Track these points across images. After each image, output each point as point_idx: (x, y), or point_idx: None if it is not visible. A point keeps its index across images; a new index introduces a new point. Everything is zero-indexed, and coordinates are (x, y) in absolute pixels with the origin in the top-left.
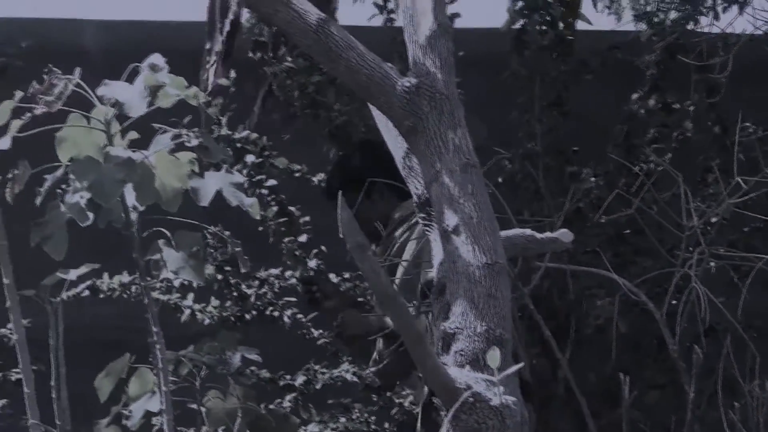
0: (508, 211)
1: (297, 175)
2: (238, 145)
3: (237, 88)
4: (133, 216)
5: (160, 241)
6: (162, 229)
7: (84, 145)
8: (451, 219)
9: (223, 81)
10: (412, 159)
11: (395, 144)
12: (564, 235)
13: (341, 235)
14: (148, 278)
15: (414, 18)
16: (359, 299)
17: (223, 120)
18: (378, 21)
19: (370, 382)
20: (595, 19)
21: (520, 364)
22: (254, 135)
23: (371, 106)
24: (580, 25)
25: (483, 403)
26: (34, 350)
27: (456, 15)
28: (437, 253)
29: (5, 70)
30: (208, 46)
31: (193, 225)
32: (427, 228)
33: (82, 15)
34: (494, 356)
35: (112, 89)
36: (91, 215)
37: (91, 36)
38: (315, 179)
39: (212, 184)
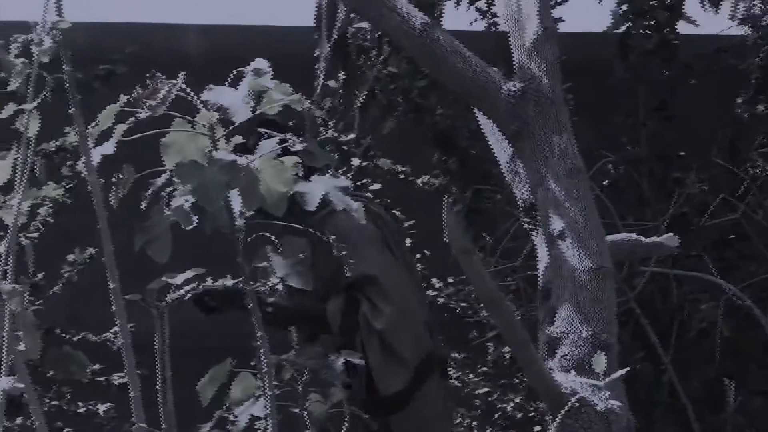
0: (614, 215)
1: (401, 177)
2: (345, 147)
3: (345, 92)
4: (239, 221)
5: (267, 248)
6: (267, 234)
7: (188, 149)
8: (556, 223)
9: (331, 83)
10: (517, 163)
11: (500, 148)
12: (670, 239)
13: (446, 240)
14: (253, 283)
15: (519, 22)
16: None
17: (330, 122)
18: (479, 26)
19: None
20: (693, 23)
21: (626, 369)
22: (358, 137)
23: (476, 111)
24: (682, 30)
25: (588, 408)
26: (137, 354)
27: (559, 20)
28: (542, 257)
29: (109, 76)
30: (317, 53)
31: (298, 230)
32: (532, 232)
33: (185, 20)
34: (600, 361)
35: (217, 94)
36: (195, 218)
37: (193, 41)
38: (419, 181)
39: (318, 188)
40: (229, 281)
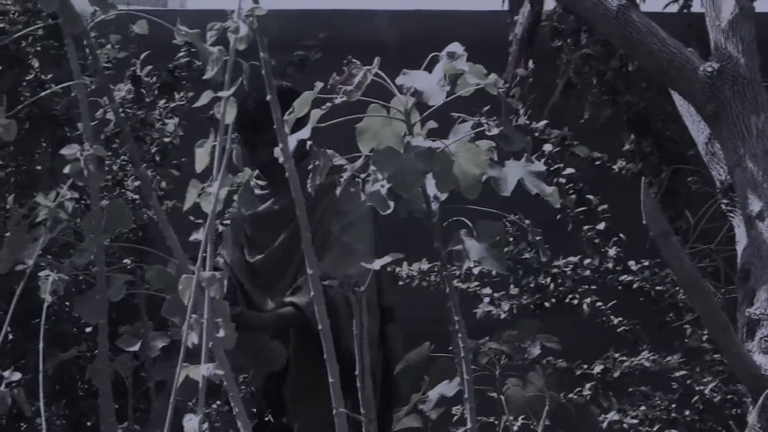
0: None
1: (597, 163)
2: (536, 134)
3: (536, 77)
4: (434, 206)
5: (462, 231)
6: (463, 219)
7: (384, 135)
8: (754, 204)
9: (521, 71)
10: (714, 144)
11: (697, 129)
12: None
13: (644, 222)
14: (449, 267)
15: (715, 2)
16: None
17: (521, 110)
18: (673, 8)
19: None
20: None
21: None
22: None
23: (672, 92)
24: None
25: None
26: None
27: None
28: (741, 239)
29: (304, 62)
30: (510, 38)
31: (492, 214)
32: (730, 213)
33: (377, 6)
34: None
35: (411, 78)
36: (391, 204)
37: (386, 26)
38: (615, 167)
39: (513, 173)
40: (425, 265)
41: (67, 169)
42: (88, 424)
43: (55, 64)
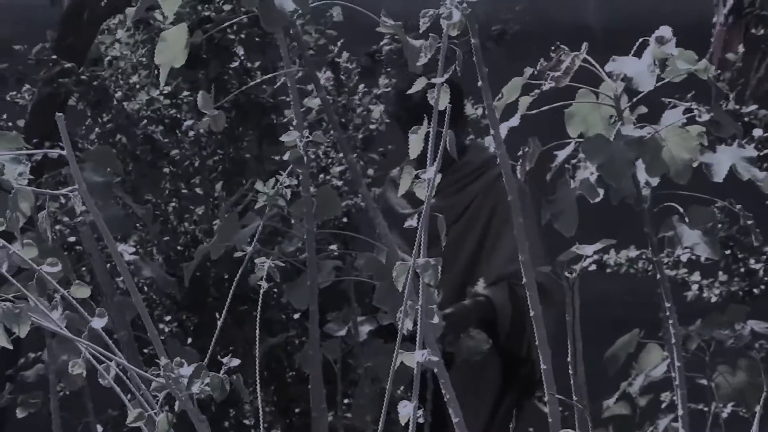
0: None
1: None
2: (746, 119)
3: (744, 62)
4: (645, 192)
5: (674, 217)
6: (674, 204)
7: (592, 120)
8: None
9: (731, 55)
10: None
11: None
12: None
13: None
14: (660, 254)
15: None
16: None
17: (731, 95)
18: None
19: None
20: None
21: None
22: (763, 111)
23: None
24: None
25: None
26: None
27: None
28: None
29: (502, 36)
30: (714, 20)
31: (703, 199)
32: None
33: None
34: None
35: (621, 64)
36: (601, 192)
37: (592, 11)
38: None
39: (725, 159)
40: (633, 252)
41: (287, 156)
42: (297, 410)
43: (260, 52)
